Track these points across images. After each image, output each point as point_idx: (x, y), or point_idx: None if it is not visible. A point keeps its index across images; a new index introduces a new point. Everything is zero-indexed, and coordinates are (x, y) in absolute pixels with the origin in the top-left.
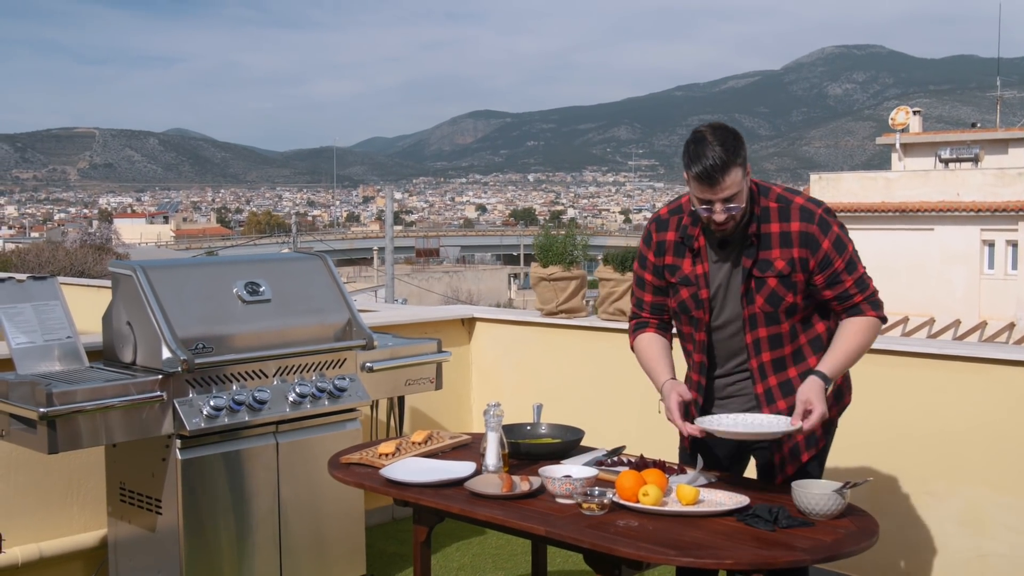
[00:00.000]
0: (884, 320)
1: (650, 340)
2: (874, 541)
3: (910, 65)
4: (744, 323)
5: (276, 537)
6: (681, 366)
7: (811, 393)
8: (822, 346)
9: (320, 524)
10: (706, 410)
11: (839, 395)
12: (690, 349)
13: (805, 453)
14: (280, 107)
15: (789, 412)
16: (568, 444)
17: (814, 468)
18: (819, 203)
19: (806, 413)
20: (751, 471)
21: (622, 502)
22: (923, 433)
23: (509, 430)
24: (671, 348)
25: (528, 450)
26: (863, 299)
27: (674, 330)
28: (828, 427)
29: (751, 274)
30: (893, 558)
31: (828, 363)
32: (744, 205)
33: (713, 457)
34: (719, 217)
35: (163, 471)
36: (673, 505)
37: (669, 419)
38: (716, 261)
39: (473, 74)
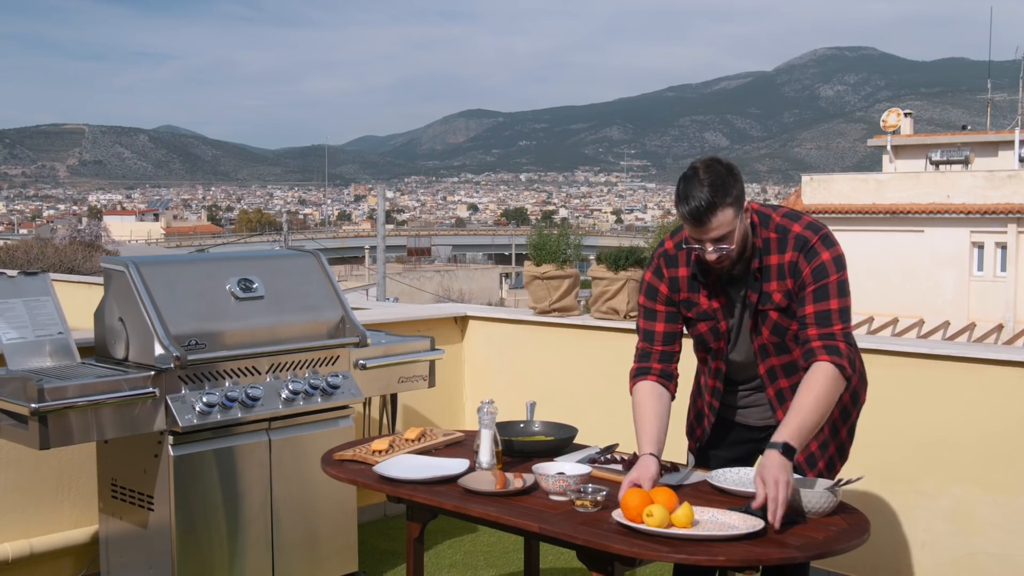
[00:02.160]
0: (844, 372)
1: (647, 395)
2: (865, 538)
3: (901, 67)
4: (756, 355)
5: (268, 534)
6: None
7: (770, 472)
8: None
9: (312, 521)
10: (724, 417)
11: (855, 398)
12: (703, 370)
13: (821, 461)
14: (272, 105)
15: None
16: (561, 442)
17: (825, 473)
18: (818, 228)
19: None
20: None
21: (626, 523)
22: (914, 432)
23: (502, 428)
24: (671, 399)
25: (521, 447)
26: (818, 336)
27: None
28: (850, 429)
29: (756, 308)
30: (884, 556)
31: (788, 430)
32: (735, 246)
33: (720, 460)
34: (710, 257)
35: (155, 467)
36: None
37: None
38: (729, 294)
39: (466, 73)
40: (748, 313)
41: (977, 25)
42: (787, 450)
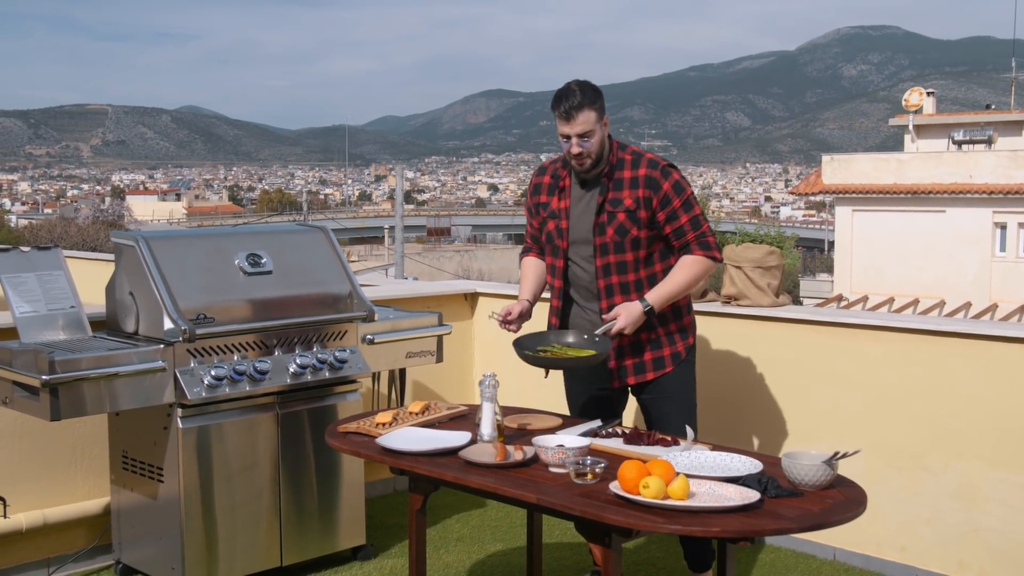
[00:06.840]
0: (714, 259)
1: (531, 263)
2: (861, 511)
3: (926, 46)
4: (595, 250)
5: (276, 506)
6: None
7: (622, 310)
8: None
9: (320, 494)
10: (563, 328)
11: (685, 333)
12: (551, 274)
13: (651, 373)
14: (293, 85)
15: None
16: (599, 356)
17: (672, 384)
18: (665, 159)
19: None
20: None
21: (622, 494)
22: (919, 408)
23: (529, 339)
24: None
25: (555, 363)
26: (694, 237)
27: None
28: (687, 356)
29: (604, 208)
30: (888, 532)
31: (653, 294)
32: (595, 147)
33: (604, 399)
34: (575, 150)
35: (165, 440)
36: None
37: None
38: (578, 199)
39: (487, 53)
40: (595, 213)
41: (1002, 2)
42: (646, 305)
